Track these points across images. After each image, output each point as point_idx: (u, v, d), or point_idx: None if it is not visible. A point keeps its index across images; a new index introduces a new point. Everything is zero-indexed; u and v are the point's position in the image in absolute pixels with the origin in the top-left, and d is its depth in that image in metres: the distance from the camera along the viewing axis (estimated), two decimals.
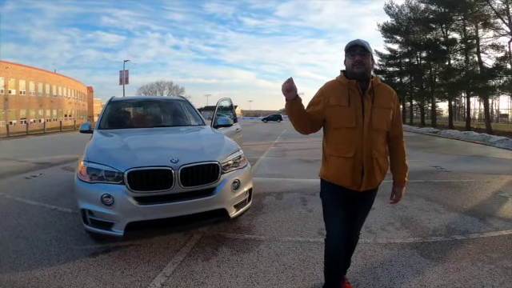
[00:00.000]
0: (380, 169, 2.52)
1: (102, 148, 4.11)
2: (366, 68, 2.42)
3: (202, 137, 4.84)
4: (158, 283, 3.12)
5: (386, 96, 2.52)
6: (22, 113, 43.97)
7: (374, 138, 2.44)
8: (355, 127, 2.42)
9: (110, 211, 3.44)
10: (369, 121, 2.42)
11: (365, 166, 2.45)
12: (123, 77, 42.62)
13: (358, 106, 2.43)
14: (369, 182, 2.50)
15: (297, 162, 10.45)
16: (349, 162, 2.46)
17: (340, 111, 2.46)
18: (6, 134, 29.17)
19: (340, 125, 2.48)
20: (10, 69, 41.70)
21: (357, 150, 2.43)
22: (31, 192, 6.69)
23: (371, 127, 2.43)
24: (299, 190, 6.52)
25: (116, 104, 6.27)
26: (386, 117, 2.49)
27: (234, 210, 3.93)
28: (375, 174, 2.50)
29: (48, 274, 3.32)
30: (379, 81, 2.55)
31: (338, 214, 2.60)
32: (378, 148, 2.48)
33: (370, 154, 2.44)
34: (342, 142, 2.49)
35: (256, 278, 3.22)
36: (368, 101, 2.44)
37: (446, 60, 33.87)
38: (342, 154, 2.48)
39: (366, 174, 2.47)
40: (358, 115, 2.42)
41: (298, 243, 3.98)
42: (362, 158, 2.44)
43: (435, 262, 3.47)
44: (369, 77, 2.46)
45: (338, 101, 2.46)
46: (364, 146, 2.43)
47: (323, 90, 2.58)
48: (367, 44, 2.45)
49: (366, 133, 2.42)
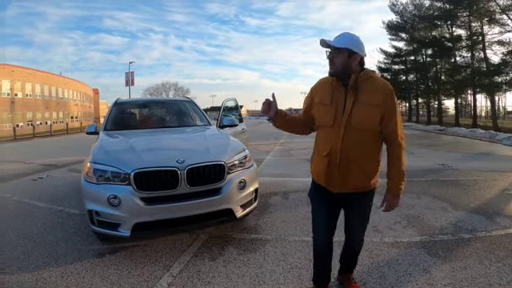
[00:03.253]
0: (361, 172, 2.38)
1: (108, 149, 4.13)
2: (337, 67, 2.34)
3: (207, 137, 4.84)
4: (164, 283, 3.13)
5: (375, 91, 2.32)
6: (28, 115, 44.27)
7: (353, 138, 2.31)
8: (332, 125, 2.35)
9: (116, 212, 3.46)
10: (347, 118, 2.30)
11: (339, 167, 2.36)
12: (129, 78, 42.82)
13: (341, 103, 2.35)
14: (343, 184, 2.40)
15: (302, 162, 10.37)
16: (324, 161, 2.43)
17: (322, 109, 2.44)
18: (13, 136, 29.37)
19: (320, 123, 2.48)
20: (16, 72, 41.98)
21: (332, 150, 2.37)
22: (38, 194, 6.73)
23: (350, 125, 2.30)
24: (305, 190, 6.32)
25: (121, 105, 6.29)
26: (372, 114, 2.29)
27: (240, 210, 3.93)
28: (352, 177, 2.38)
29: (55, 274, 3.34)
30: (371, 74, 2.39)
31: (321, 211, 2.61)
32: (361, 150, 2.34)
33: (346, 155, 2.33)
34: (321, 141, 2.50)
35: (262, 277, 3.22)
36: (350, 98, 2.32)
37: (452, 57, 33.59)
38: (320, 152, 2.49)
39: (339, 175, 2.38)
40: (338, 113, 2.34)
41: (305, 243, 3.96)
42: (337, 158, 2.35)
43: (442, 261, 3.45)
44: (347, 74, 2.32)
45: (322, 98, 2.45)
46: (340, 146, 2.33)
47: (313, 87, 2.59)
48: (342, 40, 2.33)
49: (342, 131, 2.31)
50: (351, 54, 2.31)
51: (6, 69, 40.58)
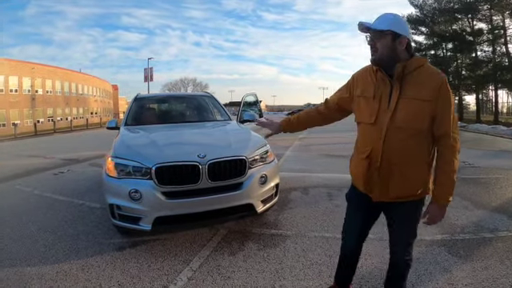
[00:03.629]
0: (405, 179, 2.04)
1: (130, 144, 4.15)
2: (380, 53, 2.00)
3: (228, 132, 4.83)
4: (184, 277, 3.12)
5: (424, 82, 1.95)
6: (49, 111, 45.02)
7: (397, 139, 1.98)
8: (374, 123, 2.04)
9: (137, 206, 3.47)
10: (391, 116, 1.98)
11: (379, 172, 2.06)
12: (148, 74, 43.05)
13: (385, 97, 2.02)
14: (384, 192, 2.10)
15: (322, 157, 10.34)
16: (363, 164, 2.13)
17: (363, 103, 2.14)
18: (34, 132, 29.94)
19: (360, 119, 2.18)
20: (37, 69, 42.69)
21: (373, 151, 2.06)
22: (59, 188, 6.82)
23: (394, 124, 1.97)
24: (325, 185, 6.45)
25: (142, 101, 6.32)
26: (420, 111, 1.94)
27: (261, 205, 3.90)
28: (395, 184, 2.06)
29: (76, 267, 3.37)
30: (422, 62, 2.02)
31: (356, 218, 2.40)
32: (405, 152, 1.99)
33: (388, 159, 2.01)
34: (361, 140, 2.21)
35: (282, 273, 3.19)
36: (396, 91, 1.98)
37: (473, 51, 32.98)
38: (359, 154, 2.19)
39: (379, 181, 2.08)
40: (382, 109, 2.02)
41: (325, 239, 3.93)
42: (378, 161, 2.05)
43: (463, 260, 3.38)
44: (392, 62, 1.98)
45: (364, 91, 2.13)
46: (382, 148, 2.02)
47: (354, 76, 2.28)
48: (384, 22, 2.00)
49: (385, 131, 1.99)
50: (396, 36, 1.97)
51: (26, 66, 41.30)
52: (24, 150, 15.55)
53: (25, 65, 41.34)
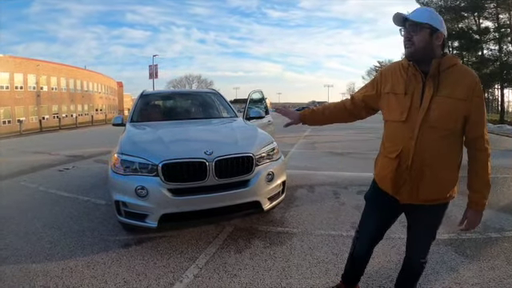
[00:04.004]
0: (436, 181, 1.94)
1: (136, 140, 4.12)
2: (416, 47, 1.90)
3: (235, 129, 4.78)
4: (190, 274, 3.10)
5: (459, 82, 1.87)
6: (54, 108, 45.17)
7: (430, 138, 1.88)
8: (405, 121, 1.93)
9: (144, 203, 3.45)
10: (424, 114, 1.87)
11: (410, 172, 1.95)
12: (153, 71, 43.01)
13: (417, 95, 1.92)
14: (414, 194, 1.99)
15: (328, 155, 10.31)
16: (392, 164, 2.02)
17: (393, 100, 2.02)
18: (39, 128, 30.06)
19: (390, 117, 2.06)
20: (41, 66, 42.82)
21: (403, 151, 1.95)
22: (64, 184, 6.83)
23: (427, 123, 1.87)
24: (331, 183, 6.42)
25: (147, 97, 6.29)
26: (455, 111, 1.86)
27: (267, 203, 3.87)
28: (426, 186, 1.96)
29: (81, 263, 3.36)
30: (455, 60, 1.94)
31: (374, 219, 2.32)
32: (438, 153, 1.90)
33: (420, 159, 1.91)
34: (390, 138, 2.08)
35: (289, 271, 3.17)
36: (429, 88, 1.88)
37: (479, 50, 32.82)
38: (387, 153, 2.07)
39: (409, 182, 1.97)
40: (413, 107, 1.91)
41: (331, 237, 3.90)
42: (409, 161, 1.94)
43: (470, 260, 3.34)
44: (428, 57, 1.90)
45: (394, 87, 2.02)
46: (413, 147, 1.91)
47: (382, 72, 2.17)
48: (423, 14, 1.91)
49: (417, 130, 1.89)
50: (433, 31, 1.88)
51: (31, 63, 41.43)
52: (29, 146, 15.59)
53: (30, 62, 41.45)
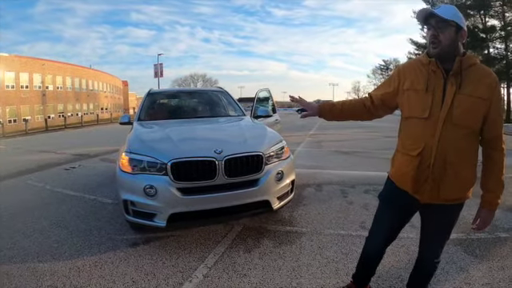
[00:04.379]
0: (458, 179, 1.91)
1: (144, 139, 4.09)
2: (443, 46, 1.85)
3: (243, 127, 4.75)
4: (199, 274, 3.07)
5: (480, 81, 1.85)
6: (59, 107, 45.41)
7: (452, 136, 1.84)
8: (428, 118, 1.88)
9: (152, 202, 3.41)
10: (447, 111, 1.84)
11: (432, 170, 1.90)
12: (158, 70, 42.97)
13: (438, 92, 1.87)
14: (435, 193, 1.94)
15: (334, 154, 10.29)
16: (413, 162, 1.96)
17: (414, 97, 1.96)
18: (45, 127, 30.19)
19: (410, 114, 1.99)
20: (47, 65, 43.05)
21: (425, 149, 1.90)
22: (71, 183, 6.82)
23: (450, 120, 1.83)
24: (338, 182, 6.37)
25: (154, 96, 6.27)
26: (476, 109, 1.84)
27: (276, 202, 3.83)
28: (447, 185, 1.91)
29: (89, 263, 3.34)
30: (475, 60, 1.91)
31: (388, 218, 2.26)
32: (459, 151, 1.87)
33: (443, 157, 1.87)
34: (410, 136, 2.01)
35: (299, 271, 3.13)
36: (452, 86, 1.85)
37: (485, 48, 32.62)
38: (407, 151, 2.01)
39: (431, 181, 1.92)
40: (435, 103, 1.87)
41: (340, 236, 3.86)
42: (431, 159, 1.89)
43: (479, 260, 3.30)
44: (452, 55, 1.87)
45: (414, 84, 1.97)
46: (436, 145, 1.87)
47: (400, 69, 2.12)
48: (449, 11, 1.86)
49: (440, 127, 1.85)
50: (458, 29, 1.86)
51: (37, 63, 41.64)
52: (35, 145, 15.64)
53: (35, 61, 41.69)
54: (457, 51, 1.88)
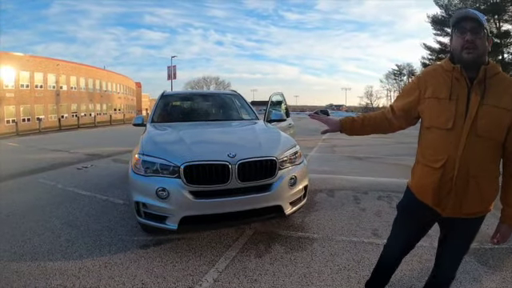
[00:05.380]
0: (480, 193, 1.81)
1: (157, 141, 4.08)
2: (479, 52, 1.75)
3: (257, 131, 4.70)
4: (210, 278, 3.04)
5: (506, 91, 1.75)
6: (73, 107, 45.81)
7: (476, 148, 1.75)
8: (451, 129, 1.78)
9: (164, 205, 3.39)
10: (472, 122, 1.74)
11: (455, 183, 1.80)
12: (171, 72, 43.08)
13: (462, 101, 1.77)
14: (457, 207, 1.85)
15: (347, 159, 10.22)
16: (435, 175, 1.85)
17: (436, 105, 1.85)
18: (58, 127, 30.51)
19: (432, 123, 1.87)
20: (61, 66, 43.50)
21: (448, 161, 1.79)
22: (83, 183, 6.84)
23: (474, 132, 1.74)
24: (351, 188, 6.30)
25: (168, 98, 6.28)
26: (501, 121, 1.74)
27: (289, 207, 3.78)
28: (470, 199, 1.82)
29: (99, 264, 3.33)
30: (499, 69, 1.82)
31: (407, 230, 2.17)
32: (482, 163, 1.78)
33: (466, 170, 1.77)
34: (432, 147, 1.90)
35: (310, 278, 3.09)
36: (476, 95, 1.75)
37: (500, 54, 32.24)
38: (429, 163, 1.90)
39: (454, 195, 1.82)
40: (459, 113, 1.76)
41: (352, 243, 3.81)
42: (454, 172, 1.79)
43: (493, 270, 3.22)
44: (481, 63, 1.77)
45: (436, 91, 1.86)
46: (459, 157, 1.76)
47: (420, 77, 2.01)
48: (483, 17, 1.76)
49: (464, 139, 1.75)
50: (487, 36, 1.78)
51: (51, 63, 42.11)
52: (48, 144, 15.78)
53: (50, 61, 42.13)
54: (484, 59, 1.79)
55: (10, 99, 36.11)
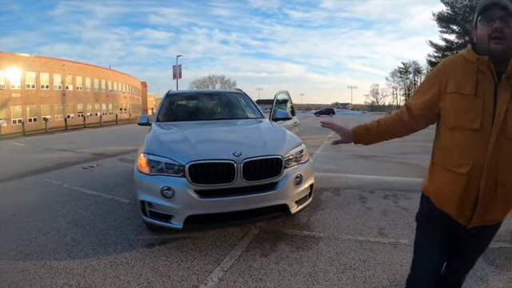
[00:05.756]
0: (507, 202, 1.66)
1: (162, 140, 4.08)
2: (509, 43, 1.55)
3: (262, 130, 4.68)
4: (215, 277, 3.03)
5: None
6: (79, 107, 46.04)
7: (506, 152, 1.55)
8: (478, 130, 1.55)
9: (169, 204, 3.38)
10: (502, 122, 1.52)
11: (482, 192, 1.59)
12: (176, 71, 43.23)
13: (489, 97, 1.56)
14: (483, 216, 1.65)
15: (352, 158, 10.16)
16: (459, 181, 1.63)
17: (460, 102, 1.62)
18: (64, 126, 30.65)
19: (457, 123, 1.63)
20: (67, 66, 43.74)
21: (475, 166, 1.57)
22: (89, 182, 6.87)
23: (504, 133, 1.53)
24: (357, 187, 6.26)
25: (173, 97, 6.28)
26: None
27: (295, 206, 3.76)
28: (495, 208, 1.64)
29: (104, 262, 3.33)
30: None
31: (435, 243, 1.84)
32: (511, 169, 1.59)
33: (494, 176, 1.57)
34: (456, 149, 1.65)
35: (316, 277, 3.06)
36: (505, 92, 1.54)
37: None
38: (452, 167, 1.66)
39: (481, 203, 1.61)
40: (486, 112, 1.55)
41: (358, 242, 3.77)
42: (481, 178, 1.57)
43: (499, 270, 3.17)
44: (511, 56, 1.56)
45: (460, 86, 1.62)
46: (488, 161, 1.55)
47: (440, 68, 1.76)
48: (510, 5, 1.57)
49: (494, 141, 1.53)
50: None
51: (57, 63, 42.34)
52: (54, 144, 15.88)
53: (55, 62, 42.37)
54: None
55: (16, 99, 36.37)
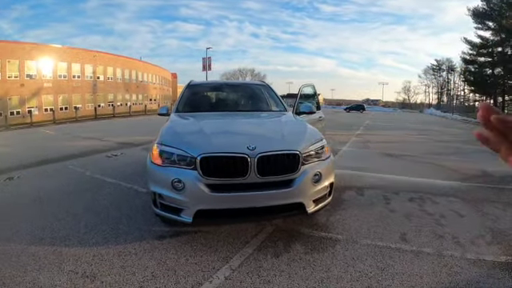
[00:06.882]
0: None
1: (177, 131, 3.99)
2: None
3: (282, 123, 4.49)
4: (221, 276, 2.93)
5: None
6: (109, 97, 46.87)
7: None
8: None
9: (179, 196, 3.28)
10: None
11: None
12: (206, 63, 43.53)
13: None
14: None
15: (380, 156, 9.85)
16: None
17: None
18: (94, 115, 31.39)
19: None
20: (98, 57, 44.57)
21: None
22: (110, 170, 6.92)
23: None
24: (382, 187, 6.00)
25: (194, 87, 6.17)
26: None
27: (312, 205, 3.57)
28: None
29: (113, 252, 3.31)
30: None
31: None
32: None
33: None
34: None
35: (328, 283, 2.88)
36: None
37: None
38: None
39: None
40: None
41: (378, 248, 3.56)
42: None
43: None
44: None
45: None
46: None
47: None
48: None
49: None
50: None
51: (88, 54, 43.24)
52: (83, 132, 16.20)
53: (87, 53, 43.25)
54: None
55: (48, 89, 37.24)
